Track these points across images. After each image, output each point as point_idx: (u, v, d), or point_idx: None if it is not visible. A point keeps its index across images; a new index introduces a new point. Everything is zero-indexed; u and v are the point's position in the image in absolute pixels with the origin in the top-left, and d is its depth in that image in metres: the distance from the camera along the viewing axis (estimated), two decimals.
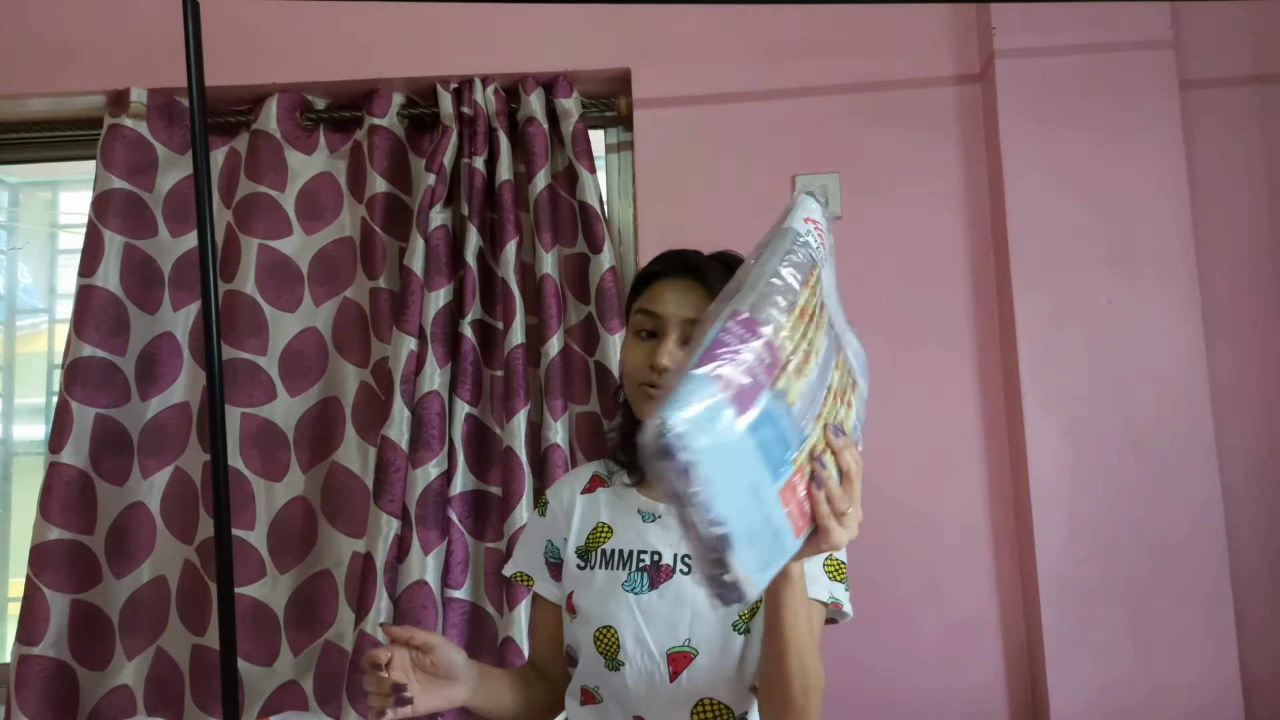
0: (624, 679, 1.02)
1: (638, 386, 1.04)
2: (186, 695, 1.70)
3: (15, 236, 2.29)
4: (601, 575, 1.07)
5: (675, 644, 1.01)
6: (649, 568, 1.05)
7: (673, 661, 1.01)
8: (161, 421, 1.79)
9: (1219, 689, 1.56)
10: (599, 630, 1.04)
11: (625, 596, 1.04)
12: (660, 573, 1.04)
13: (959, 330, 1.74)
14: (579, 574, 1.09)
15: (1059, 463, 1.62)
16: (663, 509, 1.08)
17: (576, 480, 1.17)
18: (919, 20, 1.80)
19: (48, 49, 1.82)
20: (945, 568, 1.68)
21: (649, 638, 1.01)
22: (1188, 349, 1.64)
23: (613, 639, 1.03)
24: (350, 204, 1.85)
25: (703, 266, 1.05)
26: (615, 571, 1.06)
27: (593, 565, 1.08)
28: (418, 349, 1.70)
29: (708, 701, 1.01)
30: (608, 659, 1.03)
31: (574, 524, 1.12)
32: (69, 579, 1.68)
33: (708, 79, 1.81)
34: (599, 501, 1.13)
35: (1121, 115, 1.69)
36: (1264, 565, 1.66)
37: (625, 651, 1.02)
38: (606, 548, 1.08)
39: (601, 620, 1.04)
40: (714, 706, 1.01)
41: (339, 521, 1.76)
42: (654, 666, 1.01)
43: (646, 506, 1.09)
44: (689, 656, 1.01)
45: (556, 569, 1.13)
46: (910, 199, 1.77)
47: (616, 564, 1.06)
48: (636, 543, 1.07)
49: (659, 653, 1.01)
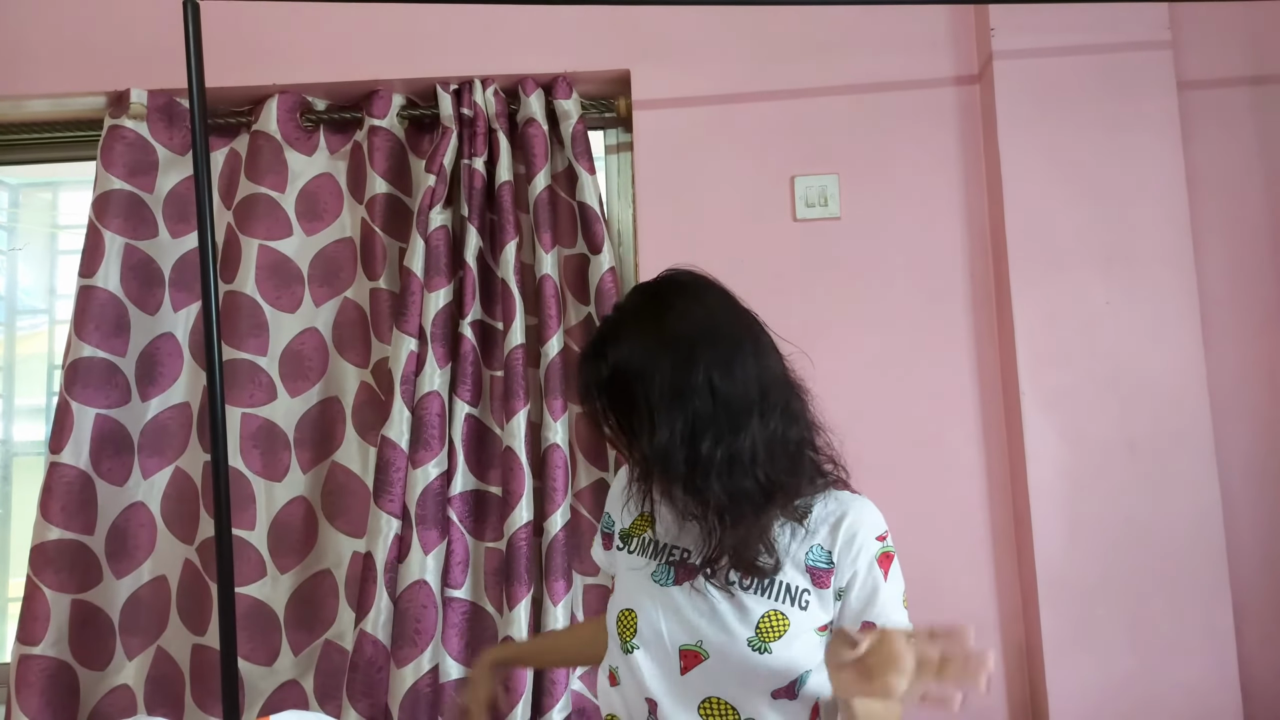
0: (637, 662, 1.04)
1: None
2: (187, 695, 1.70)
3: (15, 237, 2.29)
4: (637, 560, 1.11)
5: (688, 642, 1.02)
6: (676, 563, 1.07)
7: (684, 657, 1.03)
8: (162, 422, 1.80)
9: (1218, 689, 1.57)
10: (623, 611, 1.08)
11: (651, 585, 1.07)
12: (685, 570, 1.06)
13: (957, 331, 1.75)
14: (620, 555, 1.14)
15: (1058, 463, 1.63)
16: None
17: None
18: (918, 21, 1.81)
19: (48, 50, 1.83)
20: (944, 568, 1.68)
21: (664, 629, 1.04)
22: (1186, 349, 1.64)
23: (631, 622, 1.06)
24: (350, 205, 1.85)
25: (574, 377, 1.11)
26: (649, 560, 1.09)
27: (631, 549, 1.13)
28: (418, 349, 1.70)
29: (715, 700, 1.02)
30: (624, 641, 1.06)
31: (626, 509, 1.17)
32: (69, 579, 1.68)
33: (707, 80, 1.81)
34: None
35: (1120, 116, 1.69)
36: (1263, 565, 1.66)
37: (641, 636, 1.05)
38: (645, 536, 1.12)
39: (627, 603, 1.08)
40: (720, 705, 1.02)
41: (339, 521, 1.76)
42: (666, 656, 1.03)
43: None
44: (699, 657, 1.02)
45: (608, 539, 1.20)
46: (909, 200, 1.77)
47: (651, 553, 1.10)
48: (670, 537, 1.09)
49: (671, 645, 1.03)
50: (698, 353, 0.96)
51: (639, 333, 0.99)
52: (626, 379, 0.97)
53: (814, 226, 1.77)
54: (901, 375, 1.72)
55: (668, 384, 0.95)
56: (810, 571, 1.03)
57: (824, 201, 1.77)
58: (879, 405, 1.70)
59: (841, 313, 1.74)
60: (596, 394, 1.01)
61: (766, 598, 1.02)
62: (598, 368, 1.00)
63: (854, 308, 1.75)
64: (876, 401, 1.71)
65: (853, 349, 1.72)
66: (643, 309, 1.03)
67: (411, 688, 1.60)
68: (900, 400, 1.71)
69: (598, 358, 1.00)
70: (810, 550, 1.04)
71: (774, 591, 1.02)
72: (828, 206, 1.77)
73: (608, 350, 1.00)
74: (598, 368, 1.00)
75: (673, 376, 0.95)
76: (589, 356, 1.02)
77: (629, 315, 1.03)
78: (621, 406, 1.00)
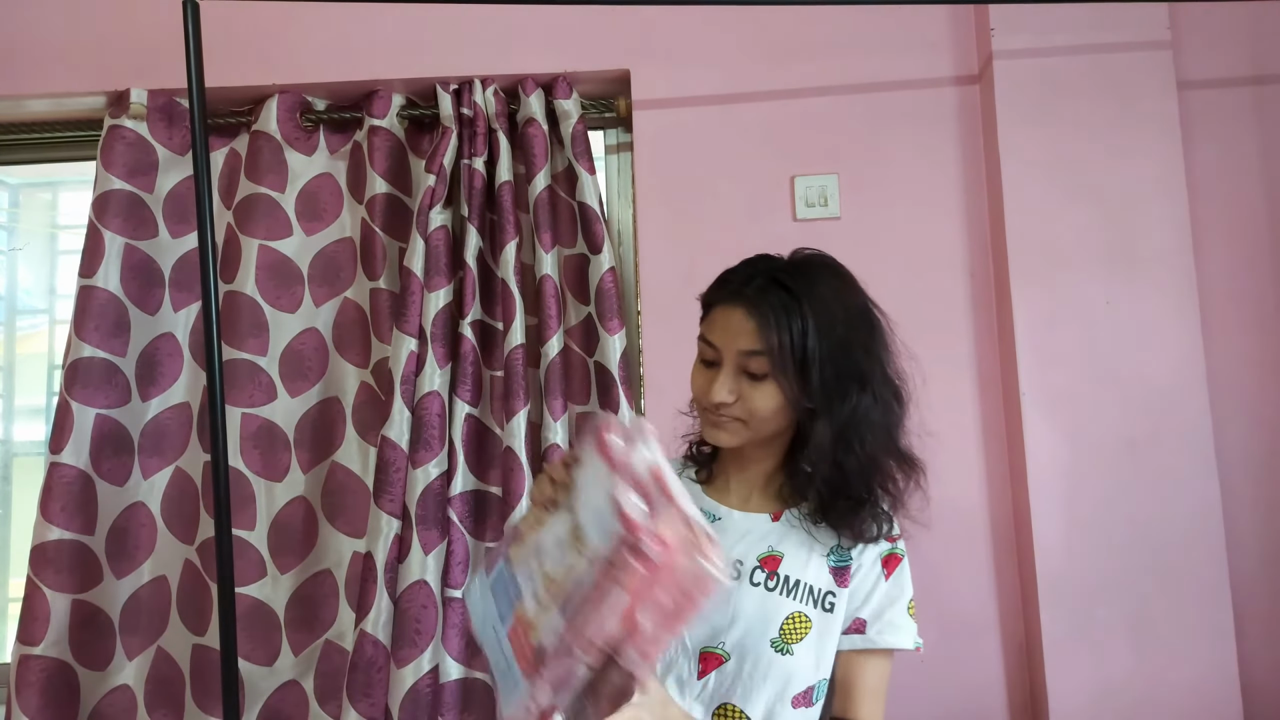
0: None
1: (701, 409, 1.07)
2: (187, 695, 1.70)
3: (15, 237, 2.29)
4: None
5: (709, 643, 1.01)
6: None
7: (704, 660, 1.01)
8: (162, 422, 1.80)
9: (1218, 688, 1.57)
10: None
11: None
12: None
13: (957, 331, 1.75)
14: None
15: (1058, 462, 1.63)
16: (724, 511, 1.10)
17: None
18: (918, 21, 1.81)
19: (48, 50, 1.83)
20: (944, 567, 1.68)
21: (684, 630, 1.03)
22: (1186, 349, 1.64)
23: None
24: (350, 205, 1.85)
25: (752, 295, 1.00)
26: None
27: None
28: (418, 349, 1.70)
29: (730, 707, 1.01)
30: None
31: None
32: (69, 579, 1.68)
33: (707, 80, 1.81)
34: None
35: (1120, 116, 1.69)
36: (1263, 564, 1.66)
37: None
38: None
39: None
40: (735, 713, 1.01)
41: (339, 521, 1.76)
42: (685, 660, 1.02)
43: (708, 507, 1.10)
44: (720, 659, 1.01)
45: None
46: (909, 200, 1.77)
47: None
48: None
49: (693, 648, 1.02)
50: (873, 319, 1.07)
51: (826, 280, 1.03)
52: (820, 319, 0.99)
53: (814, 226, 1.77)
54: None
55: (862, 339, 1.03)
56: (833, 572, 1.05)
57: (824, 201, 1.77)
58: None
59: None
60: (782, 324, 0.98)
61: (792, 599, 1.03)
62: (789, 300, 0.99)
63: None
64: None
65: None
66: (823, 266, 1.06)
67: (412, 688, 1.60)
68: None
69: (787, 291, 0.99)
70: (832, 550, 1.06)
71: (799, 593, 1.03)
72: (828, 206, 1.77)
73: (797, 286, 1.00)
74: (789, 300, 0.99)
75: (855, 339, 1.02)
76: (777, 286, 1.00)
77: (815, 263, 1.06)
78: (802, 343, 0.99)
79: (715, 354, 1.03)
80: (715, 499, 1.11)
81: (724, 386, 1.01)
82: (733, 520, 1.09)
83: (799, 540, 1.06)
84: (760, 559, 1.05)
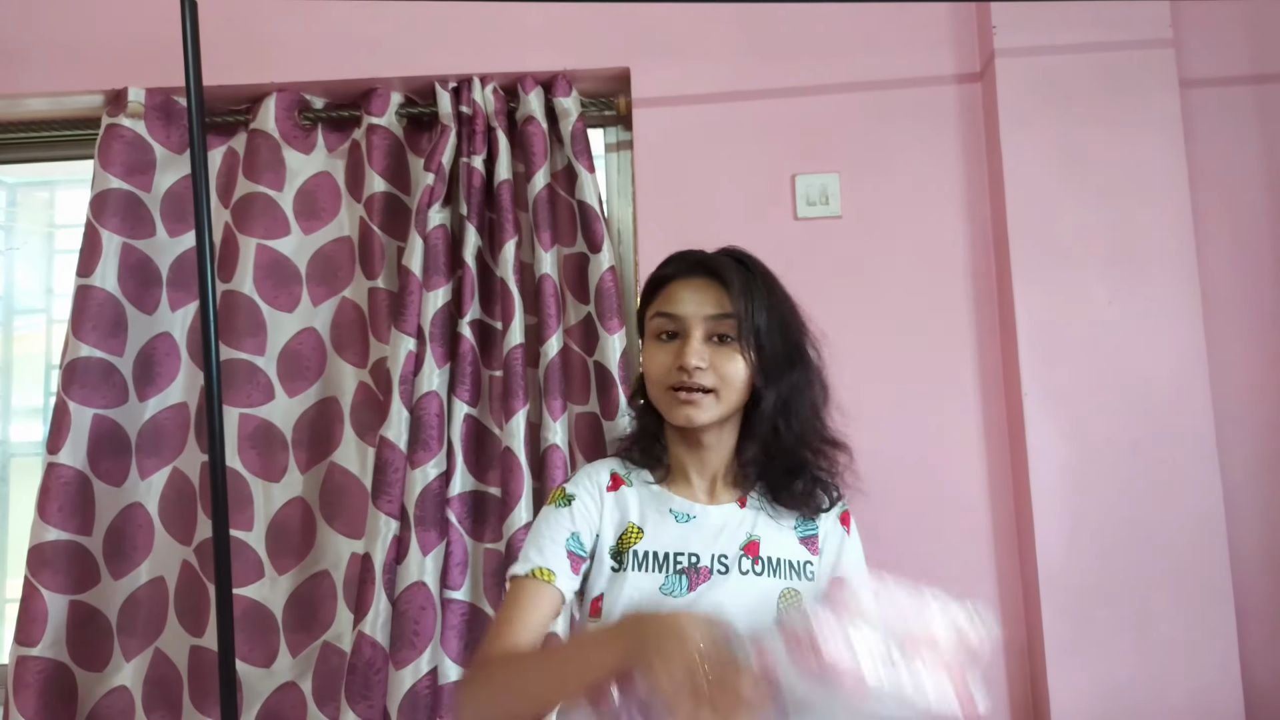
0: None
1: (665, 390, 1.05)
2: (185, 696, 1.69)
3: (12, 236, 2.28)
4: (635, 578, 1.04)
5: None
6: (687, 569, 1.04)
7: None
8: (159, 422, 1.79)
9: (1220, 689, 1.56)
10: None
11: (662, 600, 1.02)
12: (699, 574, 1.04)
13: (959, 329, 1.74)
14: (612, 575, 1.05)
15: (1059, 462, 1.62)
16: (698, 509, 1.08)
17: (597, 476, 1.12)
18: (919, 19, 1.80)
19: (45, 49, 1.82)
20: (945, 567, 1.67)
21: None
22: (1188, 348, 1.64)
23: None
24: (348, 203, 1.85)
25: (715, 263, 1.07)
26: (650, 574, 1.04)
27: (625, 567, 1.05)
28: (416, 349, 1.69)
29: None
30: None
31: (605, 521, 1.08)
32: (67, 580, 1.68)
33: (707, 78, 1.80)
34: (626, 501, 1.10)
35: (1122, 114, 1.68)
36: (1264, 564, 1.66)
37: None
38: (639, 549, 1.06)
39: None
40: None
41: (337, 522, 1.76)
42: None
43: (680, 507, 1.09)
44: None
45: (578, 562, 1.06)
46: (911, 198, 1.76)
47: (651, 566, 1.04)
48: (671, 544, 1.05)
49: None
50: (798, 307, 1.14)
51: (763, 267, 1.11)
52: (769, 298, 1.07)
53: (815, 225, 1.76)
54: (902, 374, 1.71)
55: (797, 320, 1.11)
56: (804, 542, 1.10)
57: (825, 200, 1.77)
58: (880, 405, 1.69)
59: (842, 312, 1.73)
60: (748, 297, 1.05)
61: (779, 577, 1.05)
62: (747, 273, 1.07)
63: (855, 307, 1.74)
64: (877, 401, 1.70)
65: (854, 348, 1.71)
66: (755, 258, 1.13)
67: (410, 690, 1.60)
68: (901, 399, 1.70)
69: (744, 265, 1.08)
70: (797, 523, 1.11)
71: (783, 570, 1.06)
72: (829, 205, 1.77)
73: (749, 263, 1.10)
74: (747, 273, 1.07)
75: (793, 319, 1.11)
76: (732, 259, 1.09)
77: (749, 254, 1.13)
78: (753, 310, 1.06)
79: (678, 325, 1.05)
80: (683, 496, 1.10)
81: (695, 353, 1.03)
82: (707, 516, 1.09)
83: (767, 520, 1.09)
84: (743, 548, 1.06)
